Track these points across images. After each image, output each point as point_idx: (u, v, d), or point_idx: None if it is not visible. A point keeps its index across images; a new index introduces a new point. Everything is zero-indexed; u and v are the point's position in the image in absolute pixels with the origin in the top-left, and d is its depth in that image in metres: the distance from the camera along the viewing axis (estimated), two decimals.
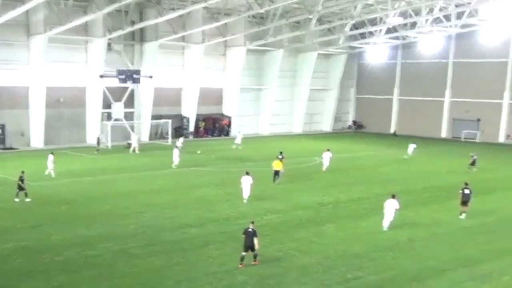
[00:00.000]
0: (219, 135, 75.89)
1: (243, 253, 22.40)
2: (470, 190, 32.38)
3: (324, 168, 47.91)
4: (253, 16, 71.25)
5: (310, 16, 66.20)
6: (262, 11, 62.06)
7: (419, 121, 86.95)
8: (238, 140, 63.86)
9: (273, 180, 40.62)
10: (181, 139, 59.61)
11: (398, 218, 31.19)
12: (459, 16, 70.83)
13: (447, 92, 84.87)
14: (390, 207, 28.57)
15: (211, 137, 74.38)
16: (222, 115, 78.12)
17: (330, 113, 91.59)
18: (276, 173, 40.82)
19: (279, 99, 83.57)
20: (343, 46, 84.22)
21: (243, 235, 22.73)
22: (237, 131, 69.27)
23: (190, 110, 73.31)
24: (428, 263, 23.47)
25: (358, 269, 22.49)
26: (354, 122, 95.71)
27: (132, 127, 65.96)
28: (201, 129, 75.15)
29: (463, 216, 31.95)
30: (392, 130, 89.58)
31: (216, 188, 39.14)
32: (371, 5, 66.35)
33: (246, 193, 34.45)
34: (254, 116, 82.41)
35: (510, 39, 77.71)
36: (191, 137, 71.63)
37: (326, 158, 48.09)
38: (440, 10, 66.63)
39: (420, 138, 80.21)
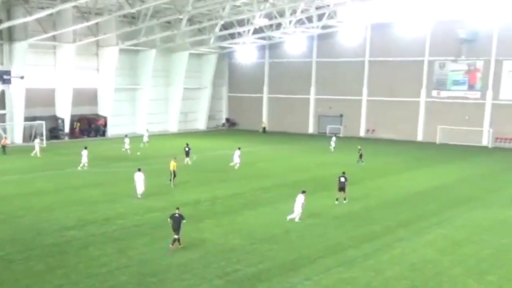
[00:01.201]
0: (95, 136, 73.86)
1: (174, 236, 24.54)
2: (345, 178, 35.11)
3: (235, 165, 48.50)
4: (125, 16, 69.95)
5: (181, 16, 66.05)
6: (133, 11, 61.08)
7: (288, 118, 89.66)
8: (145, 138, 62.93)
9: (169, 180, 39.55)
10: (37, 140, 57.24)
11: (273, 211, 32.33)
12: (320, 17, 73.80)
13: (312, 89, 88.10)
14: (298, 201, 29.70)
15: (87, 138, 72.19)
16: (98, 115, 76.05)
17: (204, 111, 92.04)
18: (173, 174, 39.84)
19: (154, 99, 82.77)
20: (214, 46, 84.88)
21: (170, 219, 24.92)
22: (145, 129, 68.70)
23: (64, 111, 70.65)
24: (302, 252, 24.39)
25: (236, 262, 22.93)
26: (227, 120, 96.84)
27: (4, 129, 62.73)
28: (77, 129, 72.73)
29: (338, 201, 34.52)
30: (260, 128, 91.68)
31: (96, 189, 38.18)
32: (239, 6, 67.45)
33: (140, 189, 34.86)
34: (130, 116, 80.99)
35: (365, 39, 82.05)
36: (66, 138, 69.17)
37: (236, 156, 48.89)
38: (302, 12, 69.05)
39: (289, 134, 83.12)
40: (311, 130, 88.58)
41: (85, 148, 47.41)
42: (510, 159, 59.90)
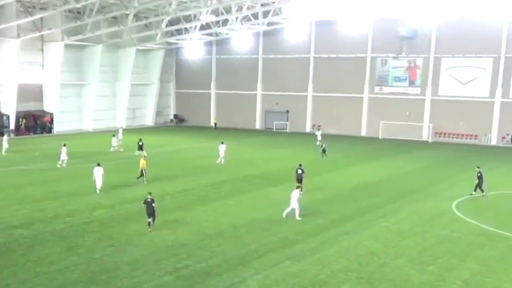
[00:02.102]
0: (42, 132, 72.16)
1: (148, 220, 26.67)
2: (302, 170, 36.45)
3: (220, 160, 48.72)
4: (70, 11, 68.51)
5: (127, 12, 65.26)
6: (78, 5, 60.06)
7: (237, 113, 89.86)
8: (119, 136, 62.06)
9: (144, 180, 38.95)
10: (5, 137, 55.61)
11: (222, 207, 32.35)
12: (265, 14, 74.20)
13: (259, 85, 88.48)
14: (293, 197, 29.58)
15: (34, 135, 70.45)
16: (44, 111, 74.32)
17: (152, 107, 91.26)
18: (143, 172, 39.29)
19: (101, 95, 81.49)
20: (161, 42, 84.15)
21: (144, 205, 27.00)
22: (119, 126, 67.80)
23: (9, 107, 68.84)
24: (251, 247, 24.50)
25: (186, 258, 22.84)
26: (176, 116, 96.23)
27: None
28: (22, 126, 70.92)
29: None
30: (212, 123, 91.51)
31: (43, 187, 37.32)
32: (185, 2, 67.05)
33: (98, 183, 35.21)
34: (77, 112, 79.62)
35: (310, 36, 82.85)
36: (12, 135, 67.26)
37: (221, 151, 48.99)
38: (248, 8, 69.19)
39: (238, 130, 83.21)
40: (258, 126, 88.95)
41: (64, 145, 46.76)
42: (448, 153, 61.67)
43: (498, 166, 51.65)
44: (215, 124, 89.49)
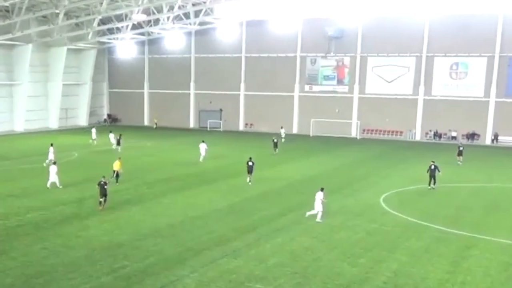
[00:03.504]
0: None
1: (100, 199, 30.06)
2: (253, 163, 39.67)
3: (201, 158, 49.21)
4: None
5: (57, 11, 63.48)
6: (6, 4, 57.96)
7: (171, 113, 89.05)
8: (94, 135, 61.56)
9: (116, 181, 38.04)
10: None
11: (157, 206, 32.02)
12: (197, 14, 74.00)
13: (192, 85, 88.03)
14: (317, 198, 29.04)
15: None
16: None
17: (85, 107, 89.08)
18: (116, 173, 38.46)
19: (33, 95, 78.95)
20: (93, 41, 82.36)
21: (98, 186, 30.29)
22: (92, 128, 66.31)
23: None
24: (187, 245, 24.35)
25: (123, 258, 22.48)
26: (109, 116, 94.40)
27: None
28: None
29: (248, 180, 39.25)
30: (146, 123, 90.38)
31: None
32: (117, 1, 65.93)
33: (52, 178, 36.18)
34: (7, 113, 76.82)
35: (242, 36, 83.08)
36: None
37: (202, 149, 49.55)
38: (180, 8, 68.78)
39: (172, 129, 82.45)
40: (192, 124, 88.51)
41: (51, 145, 46.18)
42: (375, 149, 63.30)
43: (421, 161, 53.35)
44: (156, 123, 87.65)
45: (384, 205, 33.14)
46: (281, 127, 71.63)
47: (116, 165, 38.82)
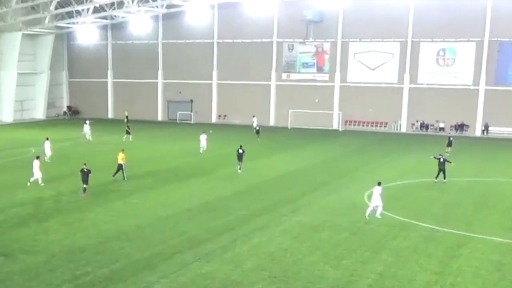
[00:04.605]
0: None
1: (84, 186, 33.58)
2: (243, 150, 42.71)
3: (201, 150, 51.90)
4: None
5: None
6: None
7: (137, 104, 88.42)
8: (86, 129, 62.25)
9: (113, 175, 38.66)
10: None
11: (123, 206, 31.79)
12: None
13: (160, 73, 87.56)
14: (376, 193, 29.29)
15: None
16: None
17: (43, 99, 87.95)
18: (120, 167, 38.72)
19: None
20: (50, 26, 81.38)
21: (80, 173, 33.81)
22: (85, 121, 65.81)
23: None
24: (156, 248, 24.19)
25: (86, 264, 22.22)
26: (69, 108, 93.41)
27: None
28: None
29: (238, 168, 42.46)
30: (110, 115, 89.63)
31: None
32: None
33: (36, 175, 36.54)
34: None
35: (213, 20, 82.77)
36: None
37: (203, 140, 52.44)
38: None
39: (139, 122, 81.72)
40: (160, 117, 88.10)
41: (47, 139, 47.65)
42: (358, 142, 63.69)
43: (407, 154, 53.88)
44: (127, 117, 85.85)
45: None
46: (253, 116, 72.16)
47: (120, 158, 38.95)
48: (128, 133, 61.05)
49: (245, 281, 20.77)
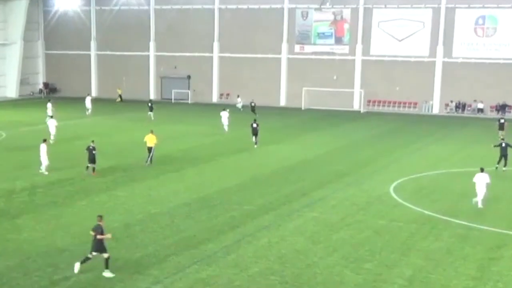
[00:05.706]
0: None
1: (88, 165, 36.86)
2: (257, 124, 48.15)
3: (226, 128, 55.85)
4: None
5: None
6: None
7: (125, 81, 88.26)
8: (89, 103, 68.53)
9: (146, 161, 40.39)
10: None
11: (110, 200, 31.84)
12: None
13: (152, 45, 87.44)
14: (481, 181, 30.01)
15: None
16: None
17: (15, 74, 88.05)
18: (149, 149, 40.05)
19: None
20: None
21: (86, 151, 36.89)
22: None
23: None
24: (148, 249, 24.25)
25: (66, 267, 22.23)
26: (46, 85, 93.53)
27: None
28: None
29: (254, 142, 47.53)
30: (94, 93, 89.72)
31: None
32: None
33: (44, 162, 37.44)
34: None
35: None
36: None
37: (224, 118, 56.08)
38: None
39: (129, 102, 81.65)
40: (152, 95, 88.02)
41: (51, 117, 50.75)
42: (383, 125, 63.62)
43: (440, 139, 53.74)
44: (120, 96, 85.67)
45: (395, 196, 33.29)
46: (238, 96, 72.69)
47: (151, 140, 40.06)
48: (151, 109, 63.81)
49: (252, 287, 20.82)
